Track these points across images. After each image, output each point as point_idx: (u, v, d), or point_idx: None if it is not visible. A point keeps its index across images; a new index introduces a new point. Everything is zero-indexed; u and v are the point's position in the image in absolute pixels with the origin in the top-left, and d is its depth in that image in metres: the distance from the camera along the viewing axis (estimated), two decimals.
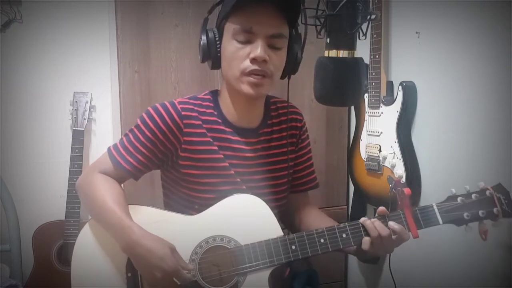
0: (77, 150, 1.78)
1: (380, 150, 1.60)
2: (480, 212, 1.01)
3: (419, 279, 1.57)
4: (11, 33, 1.81)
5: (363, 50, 1.49)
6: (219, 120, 1.11)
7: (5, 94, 1.84)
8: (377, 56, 1.55)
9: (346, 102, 0.99)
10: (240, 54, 1.02)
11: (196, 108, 1.11)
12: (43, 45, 1.85)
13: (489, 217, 1.02)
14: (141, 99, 1.78)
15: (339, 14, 0.78)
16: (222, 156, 1.10)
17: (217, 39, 1.05)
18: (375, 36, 1.54)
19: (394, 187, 1.05)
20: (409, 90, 1.51)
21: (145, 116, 1.09)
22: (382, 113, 1.58)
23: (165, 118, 1.07)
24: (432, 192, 1.49)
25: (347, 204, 2.04)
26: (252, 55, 1.01)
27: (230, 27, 1.03)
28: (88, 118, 1.82)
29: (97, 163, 1.14)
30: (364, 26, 0.82)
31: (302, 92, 1.83)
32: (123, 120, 1.78)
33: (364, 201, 1.85)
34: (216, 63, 1.07)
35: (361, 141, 1.70)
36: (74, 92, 1.83)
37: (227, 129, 1.11)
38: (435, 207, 1.03)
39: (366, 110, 1.65)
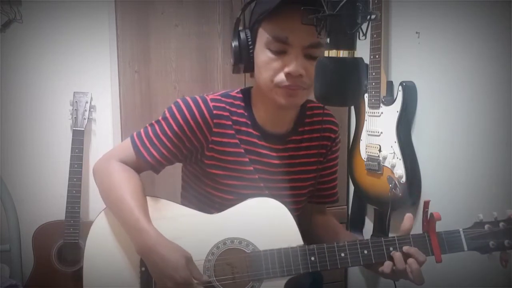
0: (77, 150, 1.78)
1: (380, 150, 1.60)
2: (506, 242, 0.98)
3: None
4: (11, 33, 1.82)
5: (363, 50, 1.49)
6: (249, 122, 1.05)
7: (5, 94, 1.84)
8: (377, 56, 1.55)
9: (346, 102, 0.98)
10: (274, 66, 0.94)
11: (228, 107, 1.04)
12: (43, 45, 1.85)
13: None
14: (141, 99, 1.78)
15: (339, 14, 0.78)
16: (247, 160, 1.06)
17: (249, 42, 0.97)
18: (375, 36, 1.54)
19: (422, 208, 1.02)
20: (409, 90, 1.51)
21: (174, 109, 1.02)
22: (382, 113, 1.58)
23: (195, 115, 1.01)
24: (432, 192, 1.49)
25: (347, 204, 2.04)
26: (287, 70, 0.93)
27: (263, 34, 0.95)
28: (88, 118, 1.82)
29: (118, 149, 1.08)
30: (364, 26, 0.81)
31: None
32: (123, 120, 1.78)
33: (364, 201, 1.85)
34: (248, 67, 1.00)
35: (361, 141, 1.70)
36: (74, 92, 1.83)
37: (255, 133, 1.06)
38: (461, 232, 0.99)
39: (366, 110, 1.65)
